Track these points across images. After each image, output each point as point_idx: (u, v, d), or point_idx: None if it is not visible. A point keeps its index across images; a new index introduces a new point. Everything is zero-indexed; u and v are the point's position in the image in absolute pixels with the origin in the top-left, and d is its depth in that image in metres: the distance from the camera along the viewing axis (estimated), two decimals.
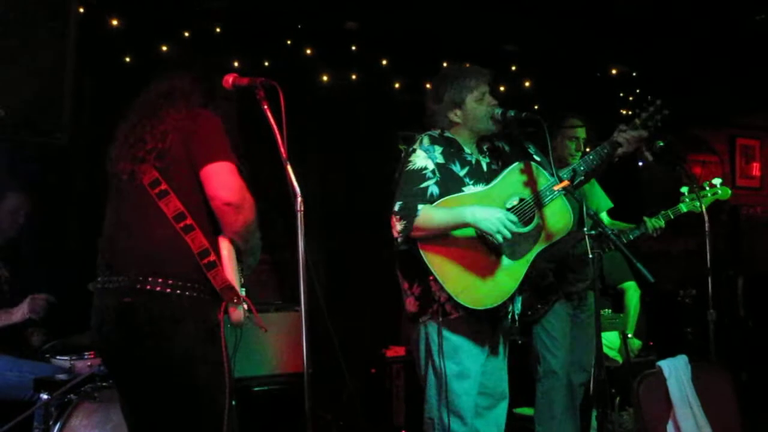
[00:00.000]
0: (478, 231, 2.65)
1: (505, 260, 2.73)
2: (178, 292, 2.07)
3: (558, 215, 2.83)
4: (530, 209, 2.79)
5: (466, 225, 2.65)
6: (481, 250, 2.71)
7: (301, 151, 2.69)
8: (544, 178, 2.82)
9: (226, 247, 2.16)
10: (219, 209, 2.13)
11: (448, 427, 2.74)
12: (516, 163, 2.85)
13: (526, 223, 2.77)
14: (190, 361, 2.09)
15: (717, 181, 3.60)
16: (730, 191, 3.61)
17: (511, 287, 2.71)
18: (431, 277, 2.66)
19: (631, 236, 3.70)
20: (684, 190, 3.62)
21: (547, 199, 2.81)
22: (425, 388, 2.83)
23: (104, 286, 2.17)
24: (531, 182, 2.82)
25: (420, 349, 2.83)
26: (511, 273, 2.73)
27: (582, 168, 2.96)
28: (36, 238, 3.90)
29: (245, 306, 2.20)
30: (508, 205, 2.77)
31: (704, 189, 3.58)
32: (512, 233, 2.63)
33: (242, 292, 2.34)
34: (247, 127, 2.46)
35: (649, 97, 2.91)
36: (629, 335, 4.55)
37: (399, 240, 2.67)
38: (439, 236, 2.68)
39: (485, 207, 2.66)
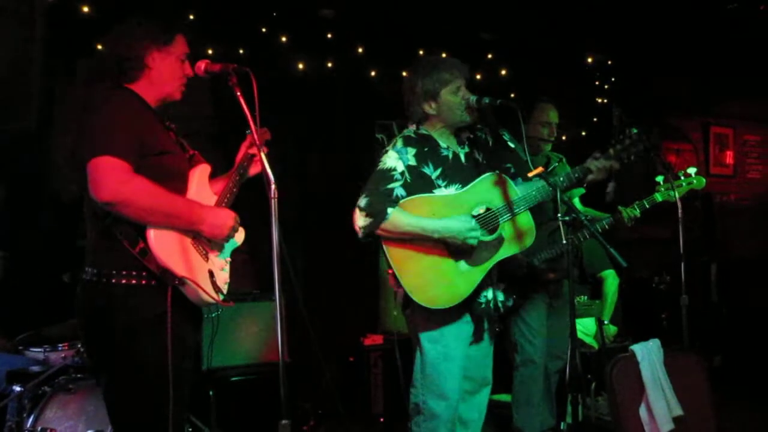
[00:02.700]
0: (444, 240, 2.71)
1: (464, 265, 2.75)
2: (113, 281, 2.11)
3: (521, 230, 2.84)
4: (494, 219, 2.81)
5: (431, 239, 2.69)
6: (442, 253, 2.74)
7: (277, 139, 2.66)
8: (513, 192, 2.85)
9: (152, 233, 2.10)
10: (109, 210, 2.08)
11: (432, 408, 2.79)
12: (489, 173, 2.86)
13: (489, 232, 2.79)
14: (126, 348, 2.11)
15: (692, 170, 3.62)
16: (704, 180, 3.64)
17: (466, 291, 2.74)
18: (390, 271, 2.73)
19: (605, 224, 3.73)
20: (659, 179, 3.64)
21: (516, 210, 2.82)
22: (413, 371, 2.89)
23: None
24: (500, 193, 2.84)
25: (412, 333, 2.91)
26: (467, 278, 2.75)
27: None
28: (7, 227, 3.83)
29: (197, 284, 2.13)
30: (474, 213, 2.80)
31: (679, 178, 3.60)
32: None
33: (219, 263, 2.31)
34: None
35: (626, 130, 2.92)
36: (605, 322, 4.59)
37: (360, 235, 2.72)
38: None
39: (452, 220, 2.70)
